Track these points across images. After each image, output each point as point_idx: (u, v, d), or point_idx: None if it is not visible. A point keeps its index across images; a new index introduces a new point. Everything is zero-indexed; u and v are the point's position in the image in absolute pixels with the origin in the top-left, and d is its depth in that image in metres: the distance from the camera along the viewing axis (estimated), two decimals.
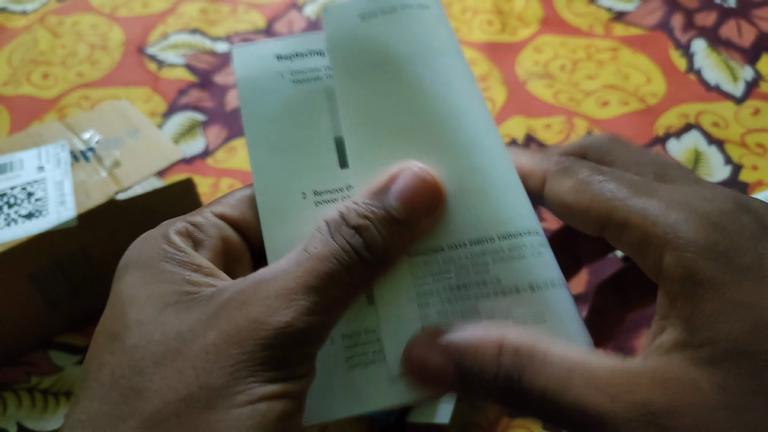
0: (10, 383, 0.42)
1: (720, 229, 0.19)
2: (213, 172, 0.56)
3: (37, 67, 0.67)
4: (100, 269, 0.43)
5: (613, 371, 0.19)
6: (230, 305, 0.19)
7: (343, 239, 0.20)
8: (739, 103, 0.58)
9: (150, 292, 0.20)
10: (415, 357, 0.21)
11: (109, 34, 0.70)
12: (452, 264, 0.22)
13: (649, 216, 0.20)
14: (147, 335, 0.19)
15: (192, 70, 0.66)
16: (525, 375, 0.19)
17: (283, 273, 0.20)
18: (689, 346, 0.18)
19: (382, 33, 0.23)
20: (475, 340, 0.20)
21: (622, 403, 0.18)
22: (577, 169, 0.22)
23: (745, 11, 0.67)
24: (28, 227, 0.39)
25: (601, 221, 0.21)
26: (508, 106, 0.60)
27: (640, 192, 0.21)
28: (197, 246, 0.22)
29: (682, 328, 0.18)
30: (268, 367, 0.19)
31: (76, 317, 0.44)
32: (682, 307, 0.19)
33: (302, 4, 0.73)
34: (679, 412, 0.17)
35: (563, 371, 0.19)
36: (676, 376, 0.18)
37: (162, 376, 0.19)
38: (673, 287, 0.19)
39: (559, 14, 0.70)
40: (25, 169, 0.43)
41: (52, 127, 0.46)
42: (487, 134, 0.24)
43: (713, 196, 0.20)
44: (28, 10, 0.74)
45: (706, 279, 0.18)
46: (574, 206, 0.22)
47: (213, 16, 0.72)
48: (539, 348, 0.20)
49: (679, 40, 0.65)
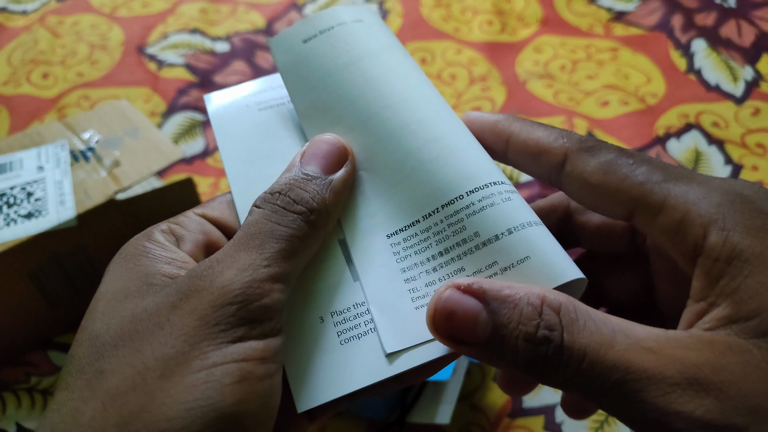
0: (10, 383, 0.42)
1: (761, 212, 0.19)
2: (213, 171, 0.55)
3: (37, 66, 0.67)
4: (100, 269, 0.43)
5: (659, 337, 0.18)
6: (182, 281, 0.20)
7: (270, 205, 0.22)
8: (740, 103, 0.58)
9: (119, 286, 0.21)
10: (445, 303, 0.19)
11: (109, 34, 0.70)
12: (430, 232, 0.23)
13: (690, 198, 0.20)
14: (107, 323, 0.20)
15: (192, 69, 0.65)
16: (567, 332, 0.18)
17: (226, 246, 0.21)
18: (737, 319, 0.18)
19: (324, 49, 0.26)
20: (515, 291, 0.19)
21: (669, 363, 0.17)
22: (603, 148, 0.22)
23: (745, 11, 0.67)
24: (27, 227, 0.39)
25: (633, 203, 0.21)
26: (508, 106, 0.60)
27: (676, 176, 0.21)
28: (179, 241, 0.23)
29: (727, 304, 0.18)
30: (222, 328, 0.19)
31: (76, 317, 0.44)
32: (728, 284, 0.18)
33: (302, 4, 0.73)
34: (728, 371, 0.17)
35: (607, 331, 0.18)
36: (725, 342, 0.18)
37: (120, 355, 0.19)
38: (717, 266, 0.19)
39: (559, 14, 0.70)
40: (25, 169, 0.43)
41: (51, 126, 0.46)
42: (437, 109, 0.25)
43: (748, 185, 0.20)
44: (28, 10, 0.74)
45: (754, 255, 0.18)
46: (602, 187, 0.21)
47: (213, 16, 0.72)
48: (582, 308, 0.19)
49: (679, 40, 0.65)
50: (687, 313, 0.19)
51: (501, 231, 0.22)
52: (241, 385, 0.18)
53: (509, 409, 0.40)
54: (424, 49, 0.67)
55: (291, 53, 0.27)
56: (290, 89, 0.26)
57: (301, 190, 0.22)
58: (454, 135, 0.24)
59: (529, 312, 0.18)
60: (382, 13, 0.71)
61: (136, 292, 0.21)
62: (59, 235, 0.39)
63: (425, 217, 0.23)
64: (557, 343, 0.18)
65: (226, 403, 0.18)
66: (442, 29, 0.69)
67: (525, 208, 0.22)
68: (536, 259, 0.21)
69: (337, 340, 0.22)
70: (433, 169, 0.23)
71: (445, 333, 0.20)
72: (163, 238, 0.23)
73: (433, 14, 0.71)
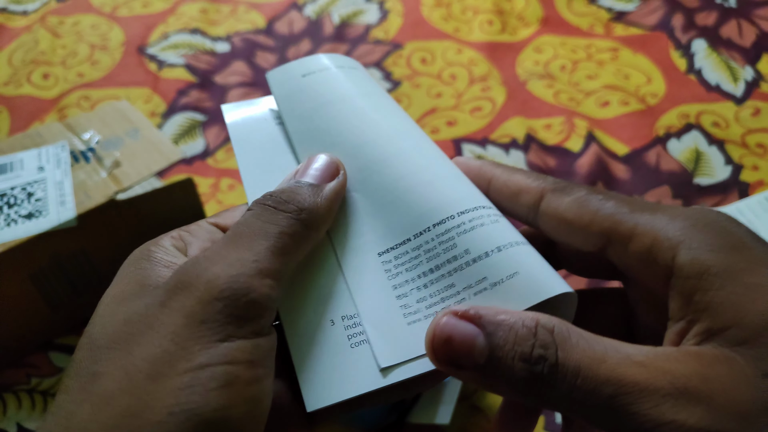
0: (10, 385, 0.42)
1: (725, 232, 0.20)
2: (213, 172, 0.55)
3: (38, 67, 0.67)
4: (101, 269, 0.43)
5: (648, 352, 0.19)
6: (171, 280, 0.20)
7: (259, 205, 0.22)
8: (740, 104, 0.58)
9: (119, 289, 0.21)
10: (442, 329, 0.20)
11: (109, 34, 0.70)
12: (421, 250, 0.24)
13: (657, 225, 0.21)
14: (103, 326, 0.20)
15: (192, 70, 0.65)
16: (561, 351, 0.19)
17: (214, 244, 0.21)
18: (717, 331, 0.19)
19: (321, 84, 0.28)
20: (510, 315, 0.20)
21: (659, 375, 0.18)
22: (575, 188, 0.24)
23: (746, 11, 0.67)
24: (28, 227, 0.39)
25: (604, 235, 0.22)
26: (508, 106, 0.60)
27: (642, 208, 0.22)
28: (187, 247, 0.23)
29: (705, 318, 0.19)
30: (209, 327, 0.19)
31: (77, 318, 0.44)
32: (702, 299, 0.19)
33: (302, 3, 0.73)
34: (716, 380, 0.18)
35: (599, 348, 0.19)
36: (710, 353, 0.18)
37: (112, 358, 0.19)
38: (690, 283, 0.20)
39: (560, 14, 0.70)
40: (26, 170, 0.43)
41: (52, 127, 0.46)
42: (428, 143, 0.27)
43: (710, 210, 0.21)
44: (28, 10, 0.74)
45: (723, 269, 0.19)
46: (575, 222, 0.23)
47: (213, 16, 0.72)
48: (574, 329, 0.19)
49: (679, 40, 0.65)
50: (669, 333, 0.20)
51: (491, 248, 0.23)
52: (227, 390, 0.18)
53: None
54: (424, 48, 0.67)
55: (289, 84, 0.29)
56: (286, 115, 0.28)
57: (292, 193, 0.23)
58: (443, 165, 0.26)
59: (524, 333, 0.19)
60: (383, 13, 0.71)
61: (132, 295, 0.21)
62: (59, 236, 0.39)
63: (416, 235, 0.24)
64: (552, 360, 0.19)
65: (210, 408, 0.18)
66: (442, 29, 0.69)
67: (512, 230, 0.24)
68: (525, 274, 0.22)
69: (347, 343, 0.23)
70: (425, 192, 0.24)
71: (444, 358, 0.20)
72: (169, 243, 0.23)
73: (433, 14, 0.71)
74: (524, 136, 0.56)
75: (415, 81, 0.63)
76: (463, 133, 0.57)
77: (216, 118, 0.60)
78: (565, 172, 0.53)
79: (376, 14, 0.71)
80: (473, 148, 0.56)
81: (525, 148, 0.55)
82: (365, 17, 0.71)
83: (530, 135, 0.56)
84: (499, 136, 0.57)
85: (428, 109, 0.60)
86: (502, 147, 0.56)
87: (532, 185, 0.24)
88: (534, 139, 0.56)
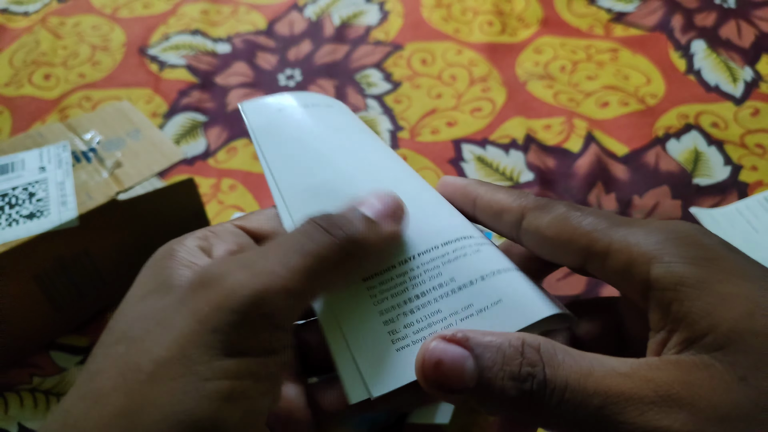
0: (13, 384, 0.42)
1: (698, 245, 0.21)
2: (214, 172, 0.56)
3: (39, 68, 0.67)
4: (103, 269, 0.43)
5: (632, 363, 0.20)
6: (194, 282, 0.20)
7: (310, 223, 0.22)
8: (739, 104, 0.58)
9: (140, 287, 0.21)
10: (432, 353, 0.20)
11: (110, 35, 0.71)
12: (406, 277, 0.24)
13: (632, 240, 0.21)
14: (122, 322, 0.20)
15: (193, 71, 0.66)
16: (548, 367, 0.19)
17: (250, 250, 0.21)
18: (695, 339, 0.19)
19: (297, 118, 0.28)
20: (496, 336, 0.20)
21: (643, 384, 0.19)
22: (555, 205, 0.24)
23: (745, 12, 0.68)
24: (29, 227, 0.39)
25: (583, 252, 0.23)
26: (508, 106, 0.60)
27: (619, 223, 0.22)
28: (210, 249, 0.23)
29: (683, 328, 0.20)
30: (221, 337, 0.18)
31: (80, 318, 0.45)
32: (679, 309, 0.20)
33: (303, 5, 0.74)
34: (697, 386, 0.18)
35: (585, 362, 0.19)
36: (690, 361, 0.19)
37: (111, 354, 0.19)
38: (666, 294, 0.20)
39: (559, 15, 0.70)
40: (27, 170, 0.43)
41: (53, 127, 0.46)
42: (413, 176, 0.28)
43: (684, 223, 0.22)
44: (29, 11, 0.74)
45: (697, 280, 0.20)
46: (555, 239, 0.23)
47: (214, 17, 0.72)
48: (560, 346, 0.20)
49: (678, 40, 0.65)
50: (651, 344, 0.21)
51: (475, 277, 0.24)
52: (230, 404, 0.18)
53: None
54: (424, 49, 0.67)
55: (266, 117, 0.28)
56: (262, 145, 0.27)
57: (347, 220, 0.22)
58: (427, 196, 0.27)
59: (511, 353, 0.20)
60: (383, 14, 0.72)
61: (149, 293, 0.21)
62: (61, 236, 0.40)
63: (401, 263, 0.24)
64: (540, 377, 0.19)
65: (206, 417, 0.18)
66: (442, 30, 0.69)
67: (497, 257, 0.25)
68: (508, 301, 0.23)
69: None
70: (410, 223, 0.25)
71: (435, 383, 0.20)
72: (194, 243, 0.23)
73: (433, 15, 0.71)
74: (524, 136, 0.56)
75: (415, 82, 0.63)
76: (463, 133, 0.57)
77: (217, 119, 0.61)
78: (565, 172, 0.53)
79: (377, 15, 0.72)
80: (473, 149, 0.56)
81: (525, 149, 0.55)
82: (365, 18, 0.71)
83: (530, 135, 0.56)
84: (499, 136, 0.57)
85: (428, 109, 0.60)
86: (502, 147, 0.56)
87: (513, 204, 0.25)
88: (533, 139, 0.56)
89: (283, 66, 0.66)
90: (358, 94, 0.62)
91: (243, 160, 0.57)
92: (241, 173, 0.55)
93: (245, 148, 0.58)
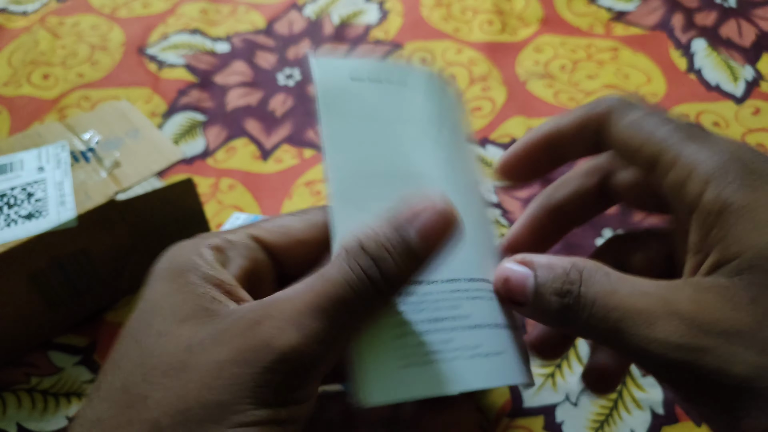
0: (10, 384, 0.42)
1: (754, 172, 0.21)
2: (213, 172, 0.56)
3: (38, 67, 0.67)
4: (101, 270, 0.43)
5: (658, 284, 0.21)
6: (241, 324, 0.20)
7: (359, 267, 0.21)
8: (740, 103, 0.58)
9: (173, 302, 0.21)
10: (501, 271, 0.24)
11: (109, 35, 0.70)
12: (428, 297, 0.24)
13: (698, 157, 0.22)
14: (162, 346, 0.20)
15: (192, 70, 0.66)
16: (584, 285, 0.22)
17: (295, 295, 0.21)
18: (722, 263, 0.21)
19: (369, 95, 0.27)
20: (551, 260, 0.23)
21: (657, 301, 0.20)
22: (638, 108, 0.25)
23: (746, 11, 0.67)
24: (28, 227, 0.39)
25: (653, 159, 0.23)
26: (508, 106, 0.60)
27: (692, 136, 0.23)
28: (227, 262, 0.23)
29: (716, 252, 0.21)
30: (268, 390, 0.19)
31: (77, 318, 0.44)
32: (717, 233, 0.21)
33: (302, 4, 0.73)
34: (705, 303, 0.20)
35: (616, 282, 0.22)
36: (710, 284, 0.20)
37: (166, 386, 0.19)
38: (710, 219, 0.21)
39: (560, 14, 0.70)
40: (25, 170, 0.43)
41: (52, 127, 0.46)
42: (467, 192, 0.27)
43: (750, 149, 0.23)
44: (28, 10, 0.74)
45: (742, 206, 0.21)
46: (629, 143, 0.24)
47: (213, 17, 0.72)
48: (603, 268, 0.22)
49: (679, 39, 0.65)
50: (686, 268, 0.22)
51: (489, 323, 0.25)
52: None
53: (509, 408, 0.40)
54: (424, 49, 0.67)
55: (336, 82, 0.26)
56: (324, 112, 0.26)
57: (394, 266, 0.21)
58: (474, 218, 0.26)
59: (560, 273, 0.22)
60: (383, 14, 0.71)
61: (192, 318, 0.21)
62: (59, 236, 0.40)
63: (427, 282, 0.24)
64: (575, 293, 0.22)
65: None
66: (442, 29, 0.69)
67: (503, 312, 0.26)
68: (507, 357, 0.25)
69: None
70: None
71: (506, 296, 0.24)
72: (212, 256, 0.23)
73: (433, 14, 0.71)
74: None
75: None
76: None
77: (216, 118, 0.60)
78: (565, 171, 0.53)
79: (376, 15, 0.71)
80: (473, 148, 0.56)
81: None
82: (365, 17, 0.71)
83: None
84: (499, 135, 0.57)
85: None
86: (502, 147, 0.56)
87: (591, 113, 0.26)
88: None
89: (283, 65, 0.66)
90: None
91: (242, 159, 0.56)
92: (241, 173, 0.55)
93: (244, 147, 0.58)
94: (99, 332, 0.44)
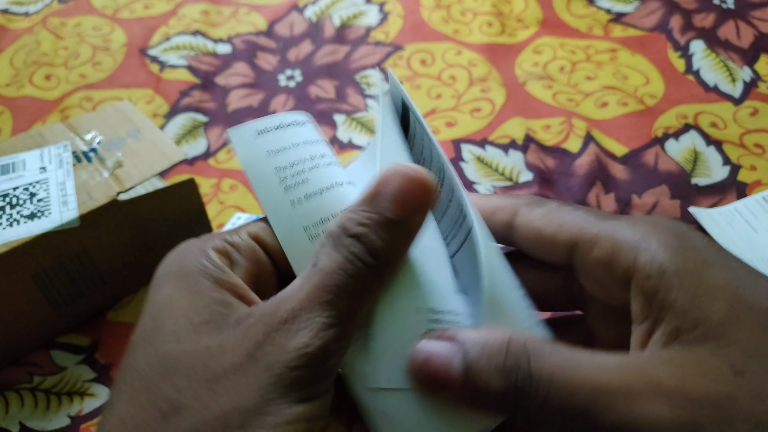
0: (13, 383, 0.42)
1: (681, 236, 0.21)
2: (215, 172, 0.56)
3: (40, 68, 0.67)
4: (103, 269, 0.43)
5: (621, 357, 0.20)
6: (257, 328, 0.20)
7: (345, 249, 0.21)
8: (738, 104, 0.58)
9: (186, 305, 0.21)
10: (420, 350, 0.21)
11: (111, 36, 0.71)
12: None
13: (618, 231, 0.22)
14: (180, 348, 0.20)
15: (194, 71, 0.66)
16: (533, 360, 0.19)
17: (298, 292, 0.21)
18: (684, 331, 0.20)
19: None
20: (482, 335, 0.21)
21: (634, 377, 0.19)
22: (546, 202, 0.25)
23: (744, 12, 0.68)
24: (30, 227, 0.39)
25: (571, 242, 0.23)
26: (508, 107, 0.60)
27: (606, 217, 0.23)
28: (232, 265, 0.23)
29: (670, 318, 0.20)
30: (295, 387, 0.19)
31: (79, 317, 0.45)
32: (665, 297, 0.20)
33: (303, 5, 0.74)
34: (691, 378, 0.19)
35: (572, 356, 0.20)
36: (680, 354, 0.19)
37: (195, 392, 0.19)
38: (651, 282, 0.21)
39: (558, 16, 0.70)
40: (28, 170, 0.43)
41: (54, 128, 0.46)
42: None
43: (667, 220, 0.23)
44: (30, 11, 0.75)
45: (681, 268, 0.20)
46: (545, 230, 0.24)
47: (214, 18, 0.73)
48: (547, 341, 0.20)
49: (677, 41, 0.65)
50: (635, 335, 0.21)
51: None
52: None
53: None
54: (424, 50, 0.67)
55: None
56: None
57: (376, 239, 0.21)
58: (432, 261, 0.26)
59: (497, 347, 0.20)
60: (383, 15, 0.72)
61: (209, 322, 0.21)
62: (62, 236, 0.40)
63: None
64: (525, 369, 0.19)
65: None
66: (442, 31, 0.69)
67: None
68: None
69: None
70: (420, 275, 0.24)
71: (425, 380, 0.21)
72: (218, 258, 0.23)
73: (433, 16, 0.71)
74: (523, 136, 0.56)
75: (415, 82, 0.63)
76: (462, 134, 0.57)
77: (218, 119, 0.61)
78: (564, 172, 0.53)
79: (377, 16, 0.72)
80: (472, 149, 0.56)
81: (524, 149, 0.55)
82: (365, 19, 0.71)
83: (529, 135, 0.56)
84: (498, 136, 0.57)
85: (428, 110, 0.60)
86: (501, 147, 0.56)
87: (506, 204, 0.26)
88: (533, 139, 0.56)
89: (284, 66, 0.66)
90: (359, 94, 0.62)
91: None
92: (242, 173, 0.56)
93: None
94: (101, 332, 0.45)
